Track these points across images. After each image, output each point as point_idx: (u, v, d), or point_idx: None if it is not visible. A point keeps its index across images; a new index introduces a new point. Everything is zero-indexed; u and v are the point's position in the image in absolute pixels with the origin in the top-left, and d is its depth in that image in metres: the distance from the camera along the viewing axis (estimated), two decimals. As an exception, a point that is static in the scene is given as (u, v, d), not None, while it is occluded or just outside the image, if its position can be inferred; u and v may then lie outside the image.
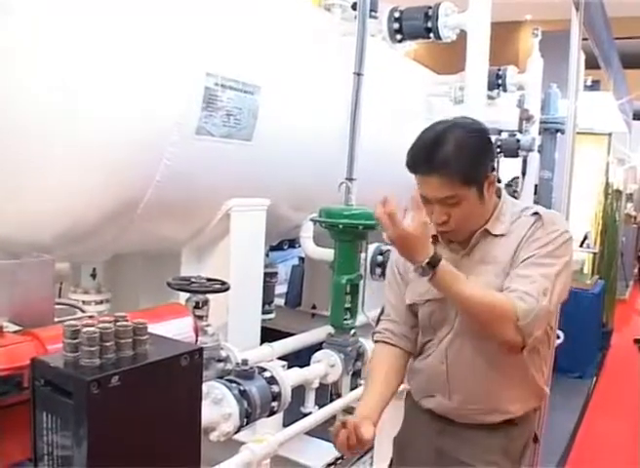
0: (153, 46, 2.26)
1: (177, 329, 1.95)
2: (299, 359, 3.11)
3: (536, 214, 1.90)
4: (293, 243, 4.97)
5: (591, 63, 6.61)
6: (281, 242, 5.85)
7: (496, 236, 1.92)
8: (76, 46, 2.10)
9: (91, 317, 1.24)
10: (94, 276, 2.82)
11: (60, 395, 1.12)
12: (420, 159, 1.84)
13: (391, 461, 2.27)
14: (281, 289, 4.96)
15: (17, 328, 1.65)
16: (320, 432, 3.26)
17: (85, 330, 1.14)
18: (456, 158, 1.79)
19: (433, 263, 1.69)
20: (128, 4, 2.19)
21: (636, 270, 11.45)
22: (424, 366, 2.06)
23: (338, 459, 3.10)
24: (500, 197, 1.99)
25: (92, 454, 1.09)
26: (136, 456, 1.16)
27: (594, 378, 6.60)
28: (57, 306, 2.29)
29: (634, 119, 10.93)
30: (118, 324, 1.19)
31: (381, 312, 2.21)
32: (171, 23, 2.33)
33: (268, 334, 3.35)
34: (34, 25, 2.09)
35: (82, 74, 2.12)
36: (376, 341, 2.17)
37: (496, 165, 2.01)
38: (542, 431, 3.10)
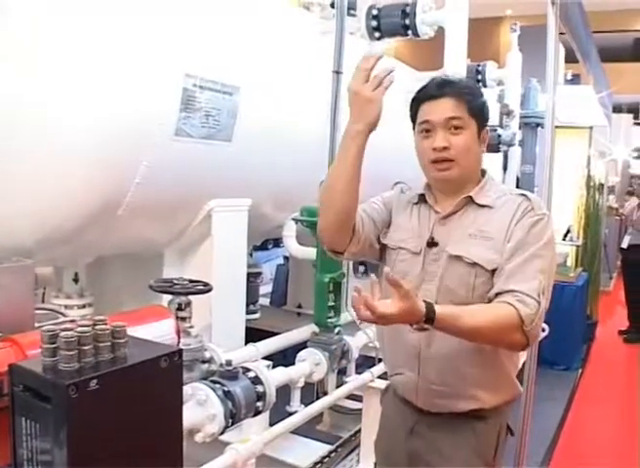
0: (131, 47, 2.25)
1: (158, 331, 1.95)
2: (286, 358, 3.11)
3: (522, 195, 1.88)
4: (277, 242, 4.96)
5: (572, 57, 6.65)
6: (265, 241, 5.84)
7: (481, 207, 1.88)
8: (54, 48, 2.09)
9: (72, 321, 1.23)
10: (76, 280, 2.81)
11: (38, 400, 1.11)
12: (434, 86, 1.90)
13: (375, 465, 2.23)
14: (266, 288, 4.97)
15: (-4, 334, 1.64)
16: (307, 431, 3.28)
17: (63, 334, 1.13)
18: (467, 88, 1.90)
19: (430, 318, 1.60)
20: (104, 5, 2.18)
21: (619, 262, 11.54)
22: (394, 334, 1.97)
23: (324, 458, 3.11)
24: (484, 176, 1.98)
25: (72, 459, 1.09)
26: (117, 459, 1.16)
27: (580, 370, 6.63)
28: (39, 311, 2.28)
29: (614, 112, 11.02)
30: (97, 327, 1.19)
31: None
32: (149, 24, 2.32)
33: (254, 334, 3.35)
34: (14, 26, 2.08)
35: (60, 76, 2.11)
36: None
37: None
38: (528, 424, 3.12)
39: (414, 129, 1.96)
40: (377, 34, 3.84)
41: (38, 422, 1.13)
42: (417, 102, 1.93)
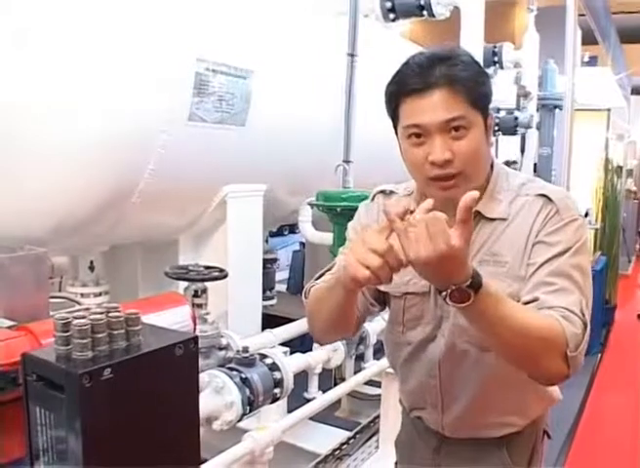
0: (142, 32, 2.22)
1: (174, 318, 1.93)
2: (303, 345, 3.09)
3: (543, 195, 1.41)
4: (293, 228, 4.95)
5: (588, 39, 6.56)
6: (281, 227, 5.82)
7: (492, 221, 1.43)
8: (65, 33, 2.07)
9: (86, 309, 1.21)
10: (92, 268, 2.80)
11: (52, 389, 1.09)
12: (417, 71, 1.35)
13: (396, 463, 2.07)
14: (283, 274, 4.96)
15: (11, 323, 1.63)
16: (325, 417, 3.26)
17: (76, 322, 1.11)
18: (463, 70, 1.34)
19: (476, 284, 1.16)
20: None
21: (638, 245, 11.40)
22: (411, 374, 1.64)
23: (343, 444, 3.09)
24: (492, 168, 1.50)
25: (87, 448, 1.07)
26: (133, 449, 1.14)
27: (599, 355, 6.58)
28: (55, 300, 2.27)
29: (632, 94, 10.87)
30: (110, 315, 1.16)
31: (320, 275, 1.64)
32: (159, 8, 2.29)
33: (270, 321, 3.33)
34: (19, 18, 2.06)
35: (72, 62, 2.09)
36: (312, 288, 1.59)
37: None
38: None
39: (394, 128, 1.45)
40: (391, 16, 3.78)
41: (52, 412, 1.11)
42: (395, 97, 1.40)
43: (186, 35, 2.38)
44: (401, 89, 1.37)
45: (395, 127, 1.44)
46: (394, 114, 1.42)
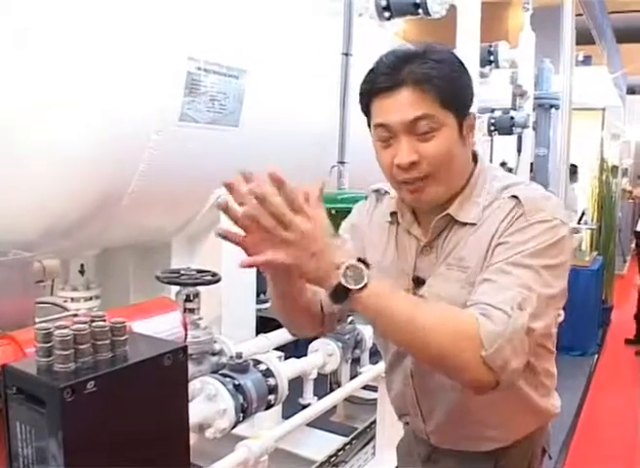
0: (132, 30, 2.17)
1: (164, 324, 1.88)
2: (297, 348, 3.05)
3: (515, 197, 1.32)
4: (288, 230, 4.89)
5: (582, 39, 6.53)
6: (276, 229, 5.79)
7: (464, 225, 1.37)
8: (57, 36, 2.03)
9: (73, 316, 1.16)
10: (82, 272, 2.75)
11: (33, 403, 1.04)
12: (384, 70, 1.31)
13: None
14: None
15: (-7, 331, 1.58)
16: (321, 422, 3.21)
17: (57, 332, 1.05)
18: (433, 69, 1.28)
19: (360, 270, 1.12)
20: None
21: (633, 245, 11.40)
22: (393, 382, 1.61)
23: (339, 450, 3.04)
24: (476, 163, 1.44)
25: (70, 463, 1.01)
26: (118, 466, 1.08)
27: (596, 355, 6.56)
28: (41, 306, 2.22)
29: (628, 93, 10.86)
30: (94, 324, 1.11)
31: None
32: (150, 6, 2.24)
33: (267, 324, 3.28)
34: (19, 18, 2.02)
35: (62, 62, 2.04)
36: None
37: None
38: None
39: (369, 127, 1.40)
40: (386, 14, 3.73)
41: (33, 427, 1.06)
42: (366, 96, 1.36)
43: (177, 33, 2.33)
44: (371, 87, 1.33)
45: (369, 125, 1.39)
46: (367, 113, 1.38)
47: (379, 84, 1.31)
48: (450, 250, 1.37)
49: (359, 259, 1.14)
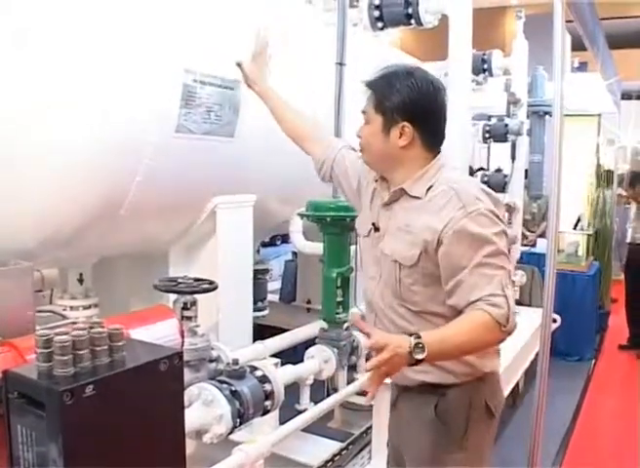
0: (130, 43, 2.21)
1: (161, 331, 1.92)
2: (296, 354, 3.08)
3: (453, 189, 1.83)
4: (286, 238, 4.94)
5: (578, 45, 6.57)
6: (274, 237, 5.81)
7: (412, 197, 1.89)
8: (55, 47, 2.06)
9: (72, 323, 1.19)
10: (81, 281, 2.78)
11: (33, 407, 1.08)
12: (373, 79, 1.95)
13: None
14: (276, 285, 4.94)
15: (-6, 338, 1.61)
16: (318, 428, 3.24)
17: (57, 338, 1.09)
18: (384, 86, 1.89)
19: (421, 344, 1.60)
20: (102, 2, 2.14)
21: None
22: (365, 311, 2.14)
23: (335, 456, 3.07)
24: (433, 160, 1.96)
25: (69, 466, 1.05)
26: (117, 467, 1.12)
27: (593, 361, 6.58)
28: (41, 314, 2.25)
29: (623, 99, 10.89)
30: (93, 331, 1.15)
31: None
32: (147, 20, 2.28)
33: (264, 331, 3.31)
34: (19, 18, 2.05)
35: (60, 75, 2.08)
36: None
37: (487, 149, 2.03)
38: (542, 417, 3.07)
39: None
40: (379, 24, 3.78)
41: (34, 430, 1.09)
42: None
43: (173, 46, 2.37)
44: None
45: None
46: None
47: (366, 84, 1.95)
48: (401, 216, 1.90)
49: (417, 336, 1.61)
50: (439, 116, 1.94)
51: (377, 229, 1.98)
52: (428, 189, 1.87)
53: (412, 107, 1.88)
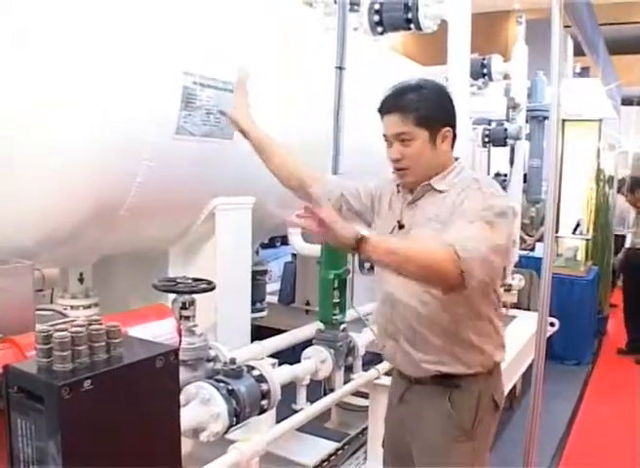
0: (130, 45, 2.23)
1: (159, 330, 1.94)
2: (295, 354, 3.10)
3: (475, 180, 2.06)
4: (285, 240, 4.96)
5: (580, 50, 6.60)
6: (273, 239, 5.83)
7: (439, 192, 2.07)
8: (55, 48, 2.08)
9: (71, 321, 1.22)
10: (81, 280, 2.80)
11: (32, 401, 1.11)
12: (388, 101, 2.09)
13: None
14: (275, 286, 4.96)
15: (-5, 335, 1.64)
16: (314, 428, 3.26)
17: (57, 334, 1.12)
18: (414, 102, 2.04)
19: (362, 237, 1.76)
20: (101, 4, 2.17)
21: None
22: (377, 307, 2.28)
23: (331, 455, 3.10)
24: (453, 164, 2.15)
25: (67, 459, 1.08)
26: (113, 461, 1.15)
27: (591, 365, 6.60)
28: (41, 312, 2.28)
29: (623, 104, 10.91)
30: (91, 327, 1.18)
31: None
32: (147, 22, 2.30)
33: (262, 332, 3.33)
34: (19, 18, 2.08)
35: (60, 76, 2.09)
36: None
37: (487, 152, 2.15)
38: (537, 420, 3.10)
39: None
40: (379, 29, 3.81)
41: (33, 423, 1.12)
42: (379, 113, 2.14)
43: (173, 49, 2.40)
44: (380, 109, 2.13)
45: None
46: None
47: (383, 108, 2.11)
48: (429, 209, 2.07)
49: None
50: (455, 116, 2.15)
51: (401, 227, 2.14)
52: (452, 185, 2.06)
53: (446, 112, 2.10)
